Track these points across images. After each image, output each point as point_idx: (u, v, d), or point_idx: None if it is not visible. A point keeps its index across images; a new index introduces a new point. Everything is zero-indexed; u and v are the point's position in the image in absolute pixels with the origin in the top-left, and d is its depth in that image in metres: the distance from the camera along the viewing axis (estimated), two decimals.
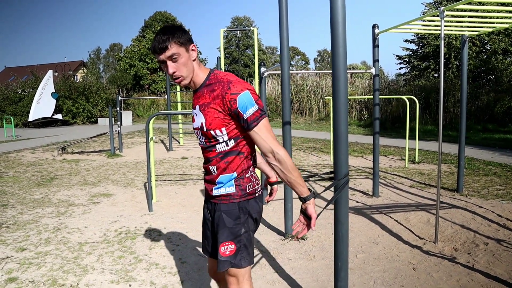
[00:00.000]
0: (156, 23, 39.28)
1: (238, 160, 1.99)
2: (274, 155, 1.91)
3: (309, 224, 2.00)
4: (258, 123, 1.89)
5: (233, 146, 1.97)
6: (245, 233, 2.02)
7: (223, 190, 2.01)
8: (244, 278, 2.03)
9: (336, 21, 2.38)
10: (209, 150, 2.01)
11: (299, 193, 1.97)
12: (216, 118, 1.92)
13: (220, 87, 1.90)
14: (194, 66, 1.98)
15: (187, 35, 1.95)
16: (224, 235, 2.00)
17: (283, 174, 1.93)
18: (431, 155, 9.76)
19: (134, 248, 4.12)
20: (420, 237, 4.29)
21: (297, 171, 1.95)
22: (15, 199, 6.19)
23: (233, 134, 1.95)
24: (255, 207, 2.06)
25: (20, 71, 36.81)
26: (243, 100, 1.86)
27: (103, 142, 13.58)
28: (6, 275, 3.51)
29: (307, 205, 1.98)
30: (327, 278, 3.37)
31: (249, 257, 2.04)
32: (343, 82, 2.42)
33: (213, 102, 1.91)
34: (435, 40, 20.07)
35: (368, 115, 19.07)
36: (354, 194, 6.17)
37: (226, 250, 1.99)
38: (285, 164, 1.91)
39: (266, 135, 1.91)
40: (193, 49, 1.96)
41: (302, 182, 1.96)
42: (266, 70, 5.35)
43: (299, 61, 66.91)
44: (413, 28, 5.93)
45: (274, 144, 1.91)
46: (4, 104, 23.34)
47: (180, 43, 1.91)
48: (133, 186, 6.98)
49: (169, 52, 1.90)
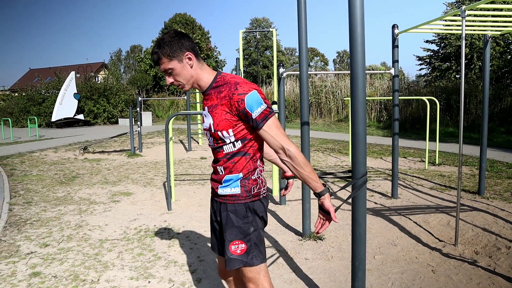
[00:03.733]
0: (176, 24, 39.69)
1: (244, 161, 2.00)
2: (285, 152, 1.92)
3: (329, 219, 2.02)
4: (267, 121, 1.90)
5: (240, 147, 1.99)
6: (255, 231, 2.03)
7: (228, 190, 2.03)
8: (261, 275, 2.04)
9: (354, 20, 2.38)
10: (217, 151, 2.04)
11: (313, 188, 1.98)
12: (223, 119, 1.93)
13: (227, 88, 1.92)
14: (193, 72, 1.99)
15: (178, 44, 1.94)
16: (233, 234, 2.02)
17: (295, 170, 1.94)
18: (451, 157, 9.61)
19: (153, 245, 4.18)
20: (439, 239, 4.24)
21: (310, 167, 1.96)
22: (38, 196, 6.34)
23: (240, 135, 1.96)
24: (261, 207, 2.07)
25: (44, 73, 37.66)
26: (251, 100, 1.87)
27: (123, 142, 13.79)
28: (30, 269, 3.61)
29: (323, 200, 1.99)
30: (345, 278, 3.36)
31: (261, 255, 2.05)
32: (361, 80, 2.42)
33: (220, 103, 1.93)
34: (457, 41, 19.76)
35: (388, 117, 18.86)
36: (372, 195, 6.12)
37: (237, 249, 2.01)
38: (297, 160, 1.92)
39: (276, 133, 1.92)
40: (188, 57, 1.96)
41: (316, 177, 1.97)
42: (285, 70, 5.36)
43: (318, 62, 66.62)
44: (434, 28, 5.86)
45: (285, 141, 1.92)
46: (29, 105, 23.89)
47: (170, 57, 1.94)
48: (153, 185, 7.07)
49: (162, 67, 1.97)
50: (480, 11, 4.81)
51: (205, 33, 42.36)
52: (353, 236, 2.60)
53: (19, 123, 23.06)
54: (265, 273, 2.06)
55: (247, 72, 46.03)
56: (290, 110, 21.83)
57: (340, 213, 5.25)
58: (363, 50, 2.41)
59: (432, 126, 11.65)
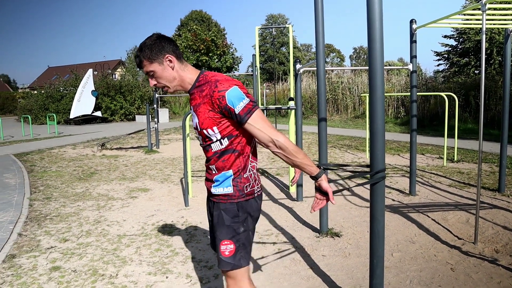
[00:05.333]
0: (192, 21, 39.83)
1: (233, 158, 2.00)
2: (275, 143, 1.91)
3: (327, 199, 2.03)
4: (251, 114, 1.89)
5: (227, 145, 1.98)
6: (244, 232, 2.03)
7: (221, 190, 2.03)
8: (244, 277, 2.05)
9: (373, 15, 2.35)
10: (207, 149, 2.04)
11: (309, 172, 1.98)
12: (207, 117, 1.94)
13: (208, 87, 1.93)
14: (175, 74, 2.00)
15: (158, 47, 1.96)
16: (222, 233, 2.02)
17: (288, 159, 1.94)
18: (470, 154, 9.45)
19: (170, 241, 4.22)
20: (458, 237, 4.18)
21: (302, 153, 1.95)
22: (58, 192, 6.45)
23: (226, 132, 1.96)
24: (254, 206, 2.07)
25: (62, 71, 38.24)
26: (232, 96, 1.87)
27: (141, 139, 13.92)
28: (50, 263, 3.68)
29: (320, 182, 2.00)
30: (362, 276, 3.34)
31: (248, 255, 2.06)
32: (379, 76, 2.40)
33: (203, 102, 1.94)
34: (476, 35, 19.40)
35: (405, 113, 18.64)
36: (390, 192, 6.07)
37: (226, 250, 2.01)
38: (288, 149, 1.91)
39: (262, 125, 1.91)
40: (169, 60, 1.98)
41: (310, 161, 1.96)
42: (302, 66, 5.33)
43: (334, 58, 66.18)
44: (453, 23, 5.76)
45: (272, 132, 1.91)
46: (48, 102, 24.26)
47: (151, 60, 1.97)
48: (170, 182, 7.12)
49: (144, 70, 2.01)
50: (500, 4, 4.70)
51: (221, 30, 42.43)
52: (372, 233, 2.58)
53: (38, 120, 23.45)
54: (248, 275, 2.08)
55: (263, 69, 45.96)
56: (306, 107, 21.74)
57: (358, 209, 5.22)
58: (382, 45, 2.39)
59: (451, 123, 11.47)
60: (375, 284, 2.62)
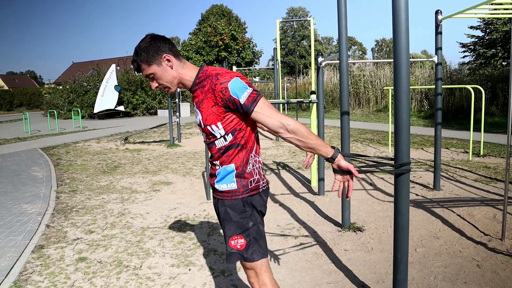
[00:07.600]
0: (213, 16, 39.90)
1: (235, 151, 1.97)
2: (286, 128, 1.86)
3: (351, 177, 1.96)
4: (257, 103, 1.86)
5: (231, 140, 1.95)
6: (254, 226, 2.01)
7: (225, 186, 2.01)
8: (262, 271, 2.03)
9: (398, 5, 2.31)
10: (211, 146, 2.02)
11: (325, 154, 1.92)
12: (211, 113, 1.91)
13: (209, 81, 1.89)
14: (174, 73, 1.98)
15: (154, 49, 1.93)
16: (231, 229, 2.01)
17: (302, 142, 1.89)
18: (497, 148, 9.22)
19: (193, 234, 4.26)
20: (485, 233, 4.09)
21: (314, 135, 1.90)
22: (83, 185, 6.59)
23: (230, 128, 1.93)
24: (259, 201, 2.04)
25: (86, 66, 38.85)
26: (234, 86, 1.84)
27: (163, 133, 14.07)
28: (77, 254, 3.76)
29: (338, 162, 1.93)
30: (385, 271, 3.30)
31: (262, 250, 2.03)
32: (405, 68, 2.35)
33: (205, 97, 1.92)
34: (504, 26, 18.86)
35: (429, 106, 18.29)
36: (413, 186, 5.98)
37: (237, 244, 2.00)
38: (300, 132, 1.87)
39: (270, 112, 1.87)
40: (167, 59, 1.95)
41: (323, 143, 1.91)
42: (324, 59, 5.28)
43: (356, 51, 65.39)
44: (480, 13, 5.61)
45: (282, 117, 1.87)
46: (72, 97, 24.72)
47: (148, 62, 1.94)
48: (192, 175, 7.18)
49: (144, 73, 1.98)
50: None
51: (242, 24, 42.39)
52: (396, 227, 2.55)
53: (64, 115, 23.92)
54: (266, 268, 2.05)
55: (284, 62, 45.76)
56: (327, 100, 21.57)
57: (380, 204, 5.16)
58: (407, 37, 2.34)
59: (477, 116, 11.20)
60: (399, 280, 2.59)
